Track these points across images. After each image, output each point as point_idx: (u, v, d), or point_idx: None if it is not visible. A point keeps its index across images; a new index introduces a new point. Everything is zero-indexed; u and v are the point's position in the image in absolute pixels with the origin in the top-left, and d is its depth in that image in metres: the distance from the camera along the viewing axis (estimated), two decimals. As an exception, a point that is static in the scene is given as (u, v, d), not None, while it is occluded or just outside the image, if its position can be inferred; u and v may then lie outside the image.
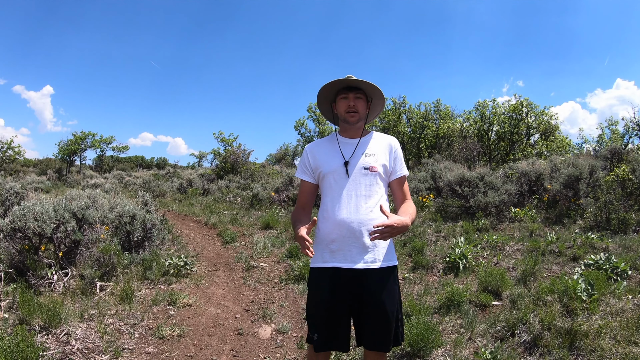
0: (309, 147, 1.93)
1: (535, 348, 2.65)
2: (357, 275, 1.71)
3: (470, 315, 3.11)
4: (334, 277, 1.73)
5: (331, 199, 1.78)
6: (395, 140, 1.91)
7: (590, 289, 3.03)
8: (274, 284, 4.44)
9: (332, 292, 1.72)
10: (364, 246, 1.72)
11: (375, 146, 1.85)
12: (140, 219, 4.76)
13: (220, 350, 2.96)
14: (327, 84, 1.82)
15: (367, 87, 1.83)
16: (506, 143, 19.59)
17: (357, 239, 1.72)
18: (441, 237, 5.80)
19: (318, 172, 1.85)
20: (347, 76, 1.80)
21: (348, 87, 1.83)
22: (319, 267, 1.78)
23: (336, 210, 1.75)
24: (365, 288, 1.71)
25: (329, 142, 1.90)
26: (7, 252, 3.77)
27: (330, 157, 1.83)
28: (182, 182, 14.57)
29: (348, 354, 2.76)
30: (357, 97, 1.82)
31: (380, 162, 1.80)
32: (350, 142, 1.85)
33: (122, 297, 3.58)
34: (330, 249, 1.74)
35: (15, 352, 2.22)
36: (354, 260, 1.72)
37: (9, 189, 7.28)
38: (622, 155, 8.73)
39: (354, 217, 1.72)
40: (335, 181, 1.78)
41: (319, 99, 1.93)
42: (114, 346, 2.82)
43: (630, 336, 2.59)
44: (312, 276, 1.83)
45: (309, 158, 1.88)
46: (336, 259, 1.73)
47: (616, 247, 4.65)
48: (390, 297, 1.73)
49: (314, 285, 1.81)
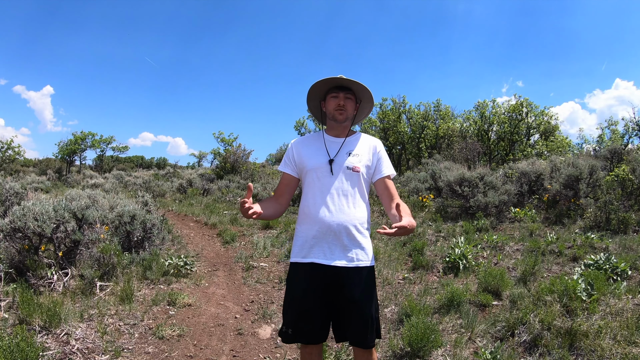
0: (295, 142, 1.95)
1: (535, 348, 2.65)
2: (335, 273, 1.73)
3: (470, 315, 3.11)
4: (311, 272, 1.75)
5: (313, 196, 1.80)
6: (379, 142, 1.94)
7: (590, 289, 3.04)
8: (274, 284, 4.44)
9: (309, 288, 1.75)
10: (343, 244, 1.74)
11: (360, 147, 1.87)
12: (140, 219, 4.76)
13: (220, 350, 2.96)
14: (320, 81, 1.84)
15: (358, 89, 1.85)
16: (506, 143, 19.60)
17: (337, 237, 1.74)
18: (441, 237, 5.80)
19: (301, 168, 1.87)
20: (339, 76, 1.82)
21: (339, 87, 1.85)
22: (298, 262, 1.80)
23: (317, 208, 1.76)
24: (343, 286, 1.73)
25: (315, 139, 1.91)
26: (7, 252, 3.77)
27: (315, 154, 1.85)
28: (182, 182, 14.57)
29: (348, 354, 2.77)
30: (347, 97, 1.85)
31: (363, 162, 1.83)
32: (336, 141, 1.87)
33: (122, 297, 3.58)
34: (310, 245, 1.76)
35: (15, 352, 2.21)
36: (333, 257, 1.74)
37: (9, 189, 7.28)
38: (622, 155, 8.73)
39: (335, 216, 1.74)
40: (318, 178, 1.80)
41: (310, 95, 1.94)
42: (114, 346, 2.83)
43: (630, 336, 2.59)
44: (290, 271, 1.86)
45: (294, 153, 1.91)
46: (315, 255, 1.76)
47: (616, 247, 4.66)
48: (368, 297, 1.75)
49: (291, 280, 1.84)
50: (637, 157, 6.77)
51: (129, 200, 5.92)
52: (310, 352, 1.88)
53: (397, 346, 2.77)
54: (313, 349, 1.88)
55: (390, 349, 2.76)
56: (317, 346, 1.87)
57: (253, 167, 16.78)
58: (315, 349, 1.88)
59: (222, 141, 18.56)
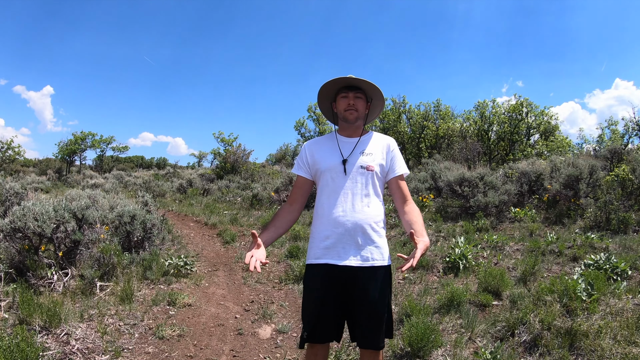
0: (308, 144, 1.93)
1: (535, 348, 2.65)
2: (350, 273, 1.71)
3: (470, 315, 3.11)
4: (327, 273, 1.73)
5: (327, 197, 1.79)
6: (393, 140, 1.92)
7: (590, 289, 3.03)
8: (274, 284, 4.44)
9: (325, 289, 1.73)
10: (357, 244, 1.72)
11: (373, 146, 1.85)
12: (140, 219, 4.75)
13: (220, 350, 2.96)
14: (329, 81, 1.82)
15: (368, 87, 1.83)
16: (506, 143, 19.59)
17: (352, 237, 1.72)
18: (441, 237, 5.80)
19: (315, 169, 1.85)
20: (348, 75, 1.80)
21: (349, 87, 1.83)
22: (313, 263, 1.78)
23: (332, 208, 1.75)
24: (357, 286, 1.71)
25: (328, 140, 1.90)
26: (7, 252, 3.76)
27: (328, 155, 1.83)
28: (182, 182, 14.56)
29: (348, 354, 2.77)
30: (357, 96, 1.83)
31: (377, 161, 1.81)
32: (349, 141, 1.86)
33: (122, 297, 3.57)
34: (324, 246, 1.74)
35: (15, 352, 2.21)
36: (347, 257, 1.72)
37: (9, 189, 7.28)
38: (622, 155, 8.73)
39: (349, 216, 1.73)
40: (332, 179, 1.79)
41: (320, 97, 1.93)
42: (114, 346, 2.82)
43: (630, 336, 2.59)
44: (306, 273, 1.83)
45: (307, 155, 1.89)
46: (329, 256, 1.74)
47: (616, 247, 4.65)
48: (381, 297, 1.72)
49: (307, 282, 1.82)
50: (637, 157, 6.77)
51: (129, 200, 5.92)
52: (316, 352, 1.81)
53: (397, 346, 2.77)
54: (319, 350, 1.81)
55: (391, 349, 2.76)
56: (323, 346, 1.82)
57: (253, 167, 16.77)
58: (322, 349, 1.82)
59: (222, 141, 18.54)
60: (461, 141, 18.43)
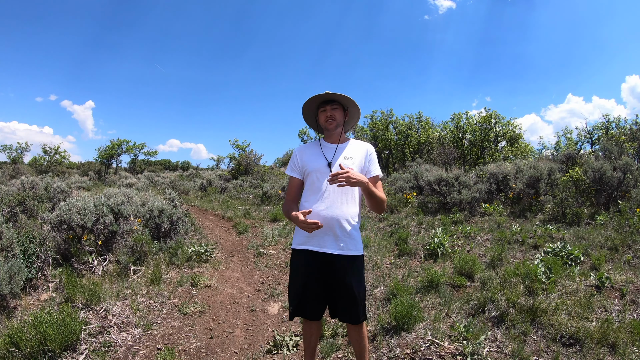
0: (298, 149, 1.96)
1: (502, 322, 2.65)
2: (328, 259, 1.74)
3: (447, 295, 3.10)
4: (308, 258, 1.76)
5: (312, 193, 1.81)
6: (371, 146, 1.93)
7: (549, 272, 3.04)
8: (280, 268, 4.44)
9: (306, 271, 1.76)
10: (335, 235, 1.74)
11: (353, 151, 1.87)
12: (167, 213, 4.75)
13: (235, 324, 2.96)
14: (309, 100, 1.86)
15: (341, 99, 1.86)
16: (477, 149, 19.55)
17: (331, 228, 1.73)
18: (422, 229, 5.79)
19: (304, 170, 1.87)
20: (325, 92, 1.82)
21: (326, 101, 1.86)
22: (297, 248, 1.81)
23: (315, 203, 1.77)
24: (335, 271, 1.73)
25: (314, 146, 1.92)
26: (54, 241, 3.76)
27: (314, 158, 1.86)
28: (203, 182, 14.54)
29: (344, 328, 2.76)
30: (333, 108, 1.86)
31: (356, 164, 1.83)
32: (331, 147, 1.88)
33: (152, 279, 3.57)
34: (307, 234, 1.76)
35: (62, 325, 2.22)
36: (326, 246, 1.74)
37: (56, 188, 7.29)
38: (575, 159, 8.72)
39: (329, 210, 1.74)
40: (317, 179, 1.81)
41: (304, 114, 1.96)
42: (145, 321, 2.82)
43: (583, 312, 2.60)
44: (292, 256, 1.86)
45: (297, 158, 1.91)
46: (311, 243, 1.76)
47: (571, 237, 4.65)
48: (357, 281, 1.75)
49: (292, 264, 1.85)
50: (589, 160, 6.76)
51: (158, 197, 5.91)
52: (310, 326, 1.90)
53: (385, 321, 2.77)
54: (312, 324, 1.90)
55: (380, 323, 2.76)
56: (316, 322, 1.89)
57: (263, 169, 16.73)
58: (315, 324, 1.90)
59: (237, 147, 18.52)
60: (439, 147, 18.40)
